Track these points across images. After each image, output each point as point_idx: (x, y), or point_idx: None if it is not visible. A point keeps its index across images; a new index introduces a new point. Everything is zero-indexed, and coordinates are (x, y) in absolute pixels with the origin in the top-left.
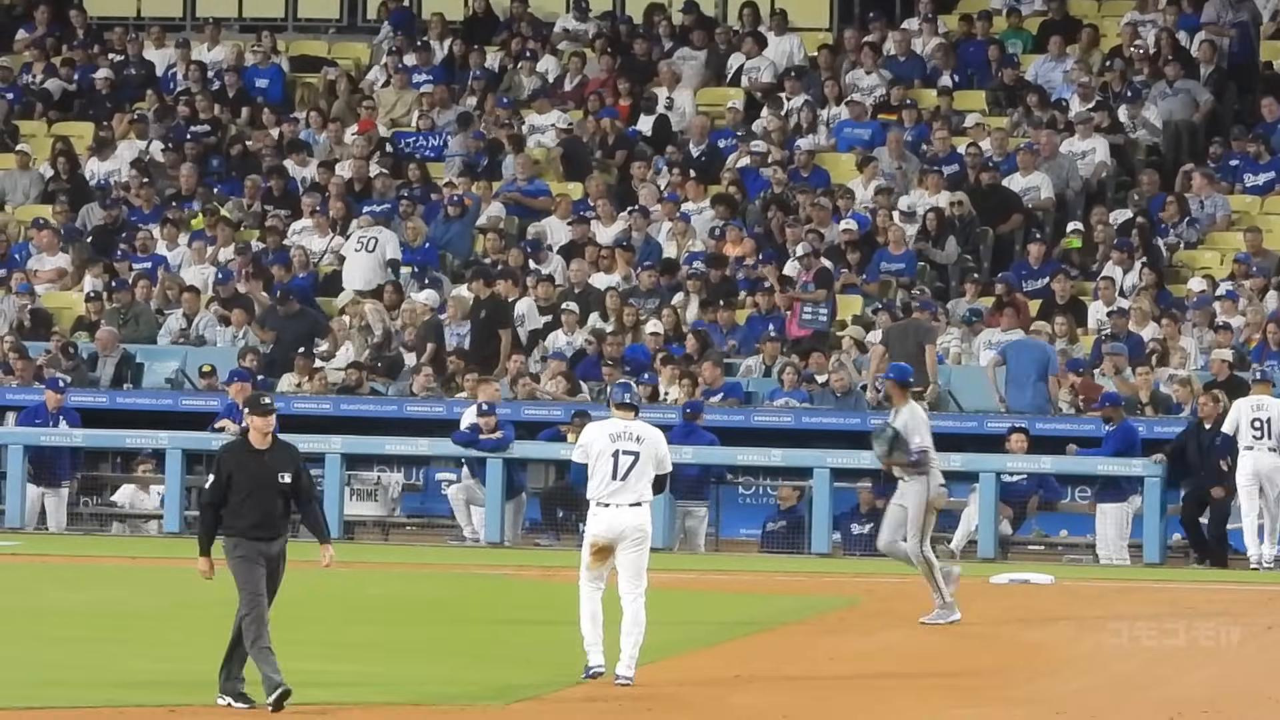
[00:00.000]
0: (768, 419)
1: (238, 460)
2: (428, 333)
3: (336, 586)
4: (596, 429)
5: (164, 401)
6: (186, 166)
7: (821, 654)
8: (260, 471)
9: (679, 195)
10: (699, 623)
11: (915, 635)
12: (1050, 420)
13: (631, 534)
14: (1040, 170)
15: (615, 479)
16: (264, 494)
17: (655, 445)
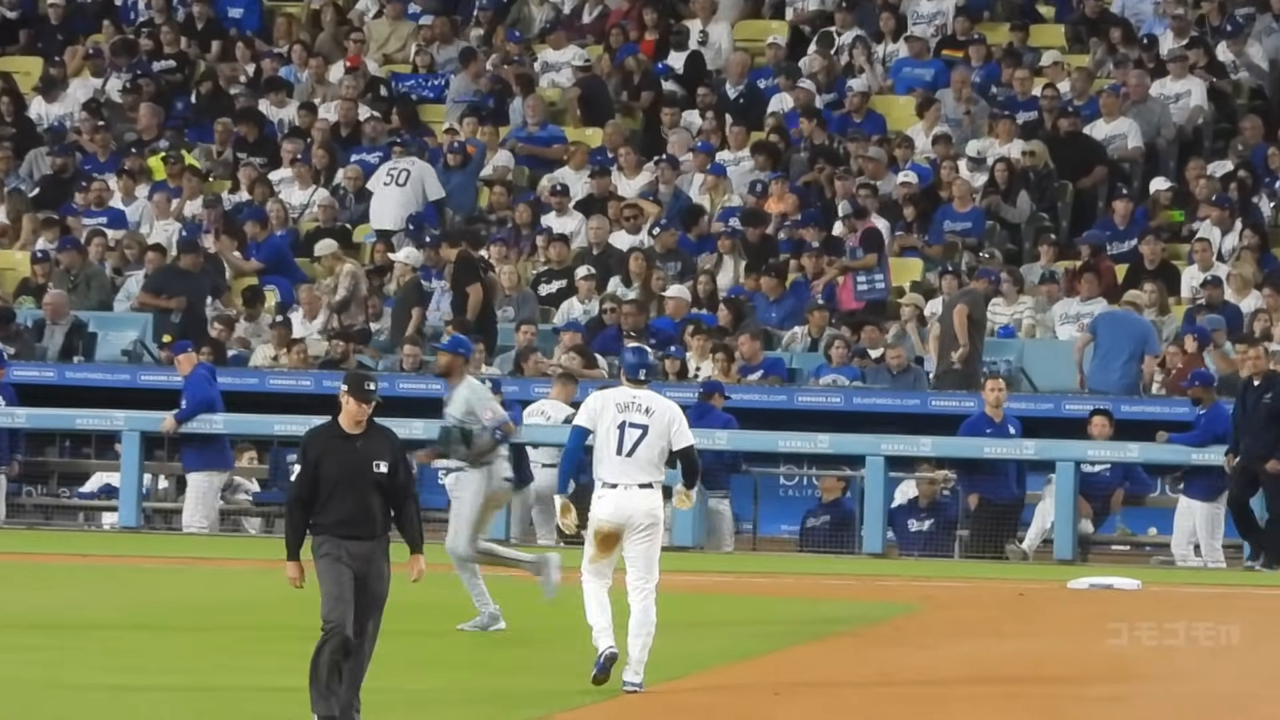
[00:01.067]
0: (814, 399)
1: (325, 446)
2: (409, 297)
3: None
4: (603, 396)
5: (120, 377)
6: (148, 108)
7: (873, 669)
8: (352, 460)
9: (713, 144)
10: (732, 632)
11: (981, 649)
12: (1138, 402)
13: (641, 520)
14: (1127, 116)
15: (621, 454)
16: (356, 486)
17: (668, 418)
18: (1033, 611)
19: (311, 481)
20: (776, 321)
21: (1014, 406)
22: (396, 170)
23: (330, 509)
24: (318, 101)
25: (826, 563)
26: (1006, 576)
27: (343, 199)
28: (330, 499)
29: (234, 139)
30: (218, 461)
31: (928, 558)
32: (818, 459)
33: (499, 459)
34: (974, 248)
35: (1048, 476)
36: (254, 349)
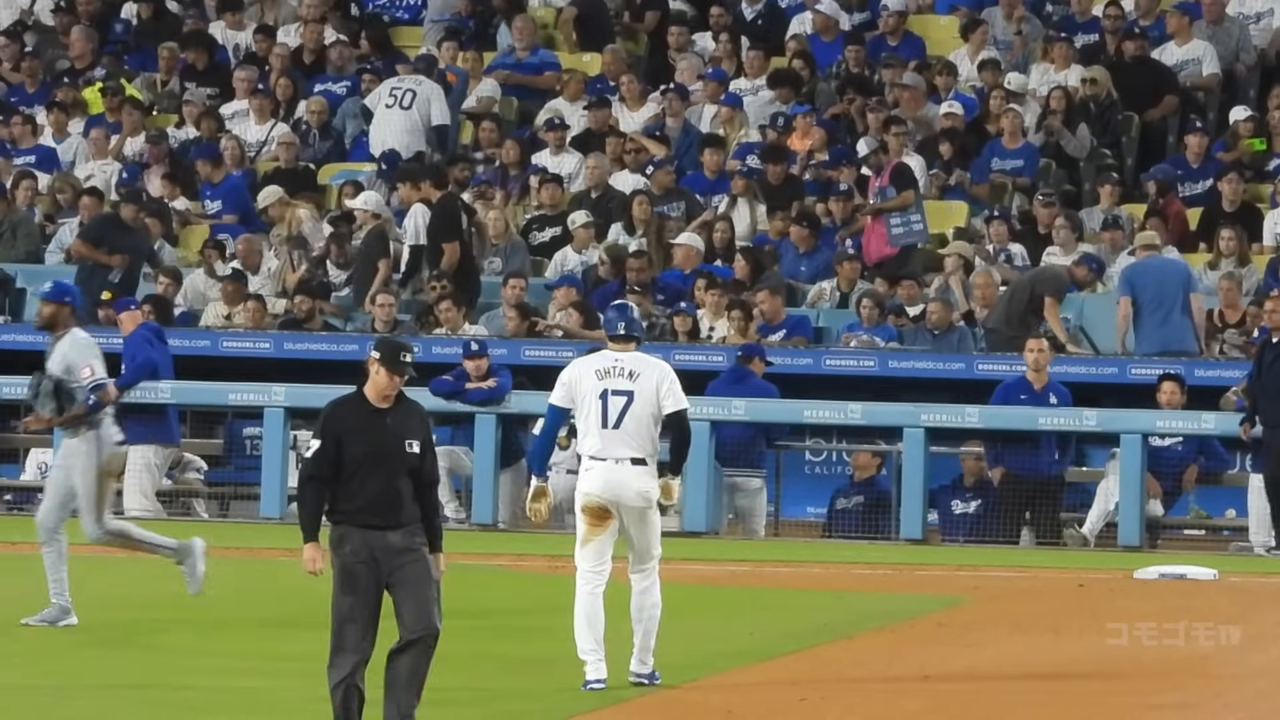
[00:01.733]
0: (844, 363)
1: (350, 422)
2: (373, 247)
3: (281, 581)
4: (581, 365)
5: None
6: (82, 31)
7: (913, 669)
8: (381, 437)
9: (726, 71)
10: (752, 629)
11: (1036, 647)
12: (1212, 365)
13: (632, 500)
14: (1201, 38)
15: (606, 427)
16: (384, 467)
17: (655, 379)
18: (1095, 605)
19: (332, 461)
20: (807, 275)
21: (1071, 371)
22: (400, 90)
23: (353, 494)
24: (273, 24)
25: (859, 550)
26: (1065, 565)
27: (305, 135)
28: (353, 482)
29: (180, 66)
30: (161, 434)
31: (975, 544)
32: (848, 431)
33: (106, 421)
34: (1026, 189)
35: (1111, 451)
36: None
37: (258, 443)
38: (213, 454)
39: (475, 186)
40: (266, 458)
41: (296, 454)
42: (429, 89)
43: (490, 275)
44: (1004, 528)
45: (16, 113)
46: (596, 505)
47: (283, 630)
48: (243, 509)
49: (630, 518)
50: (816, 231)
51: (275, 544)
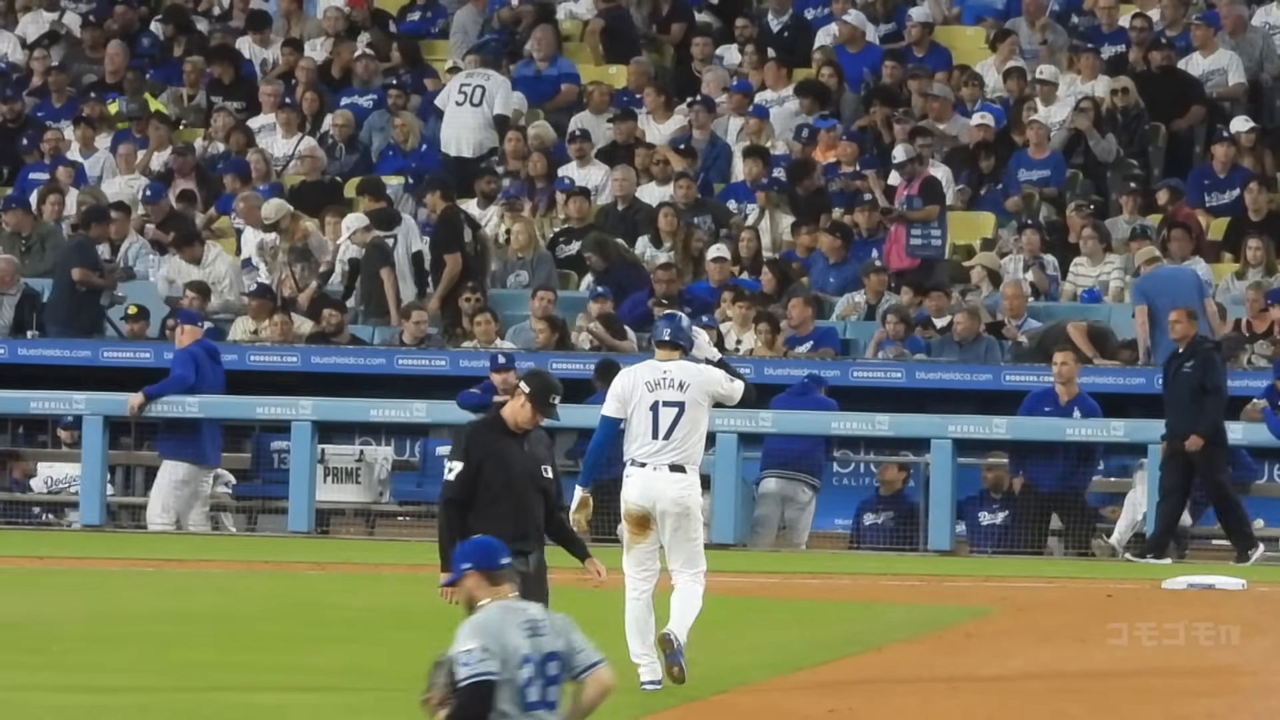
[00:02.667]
0: (871, 374)
1: (492, 446)
2: (374, 260)
3: (307, 594)
4: (630, 375)
5: (80, 354)
6: (111, 45)
7: (942, 679)
8: (520, 462)
9: (752, 83)
10: (781, 640)
11: (1065, 657)
12: (1238, 375)
13: (669, 508)
14: (1226, 49)
15: (656, 438)
16: (522, 491)
17: (703, 386)
18: (1123, 615)
19: (472, 484)
20: (835, 287)
21: (1100, 381)
22: (470, 87)
23: (494, 519)
24: (299, 37)
25: (886, 561)
26: (1093, 575)
27: (331, 148)
28: (494, 507)
29: (207, 81)
30: (191, 452)
31: (1003, 554)
32: (875, 442)
33: None
34: (1053, 199)
35: (1139, 461)
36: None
37: (285, 456)
38: (240, 468)
39: (503, 200)
40: (294, 471)
41: (324, 467)
42: (497, 82)
43: (516, 288)
44: (1031, 538)
45: (45, 128)
46: (635, 513)
47: (311, 644)
48: (271, 523)
49: (668, 525)
50: (847, 242)
51: (303, 557)
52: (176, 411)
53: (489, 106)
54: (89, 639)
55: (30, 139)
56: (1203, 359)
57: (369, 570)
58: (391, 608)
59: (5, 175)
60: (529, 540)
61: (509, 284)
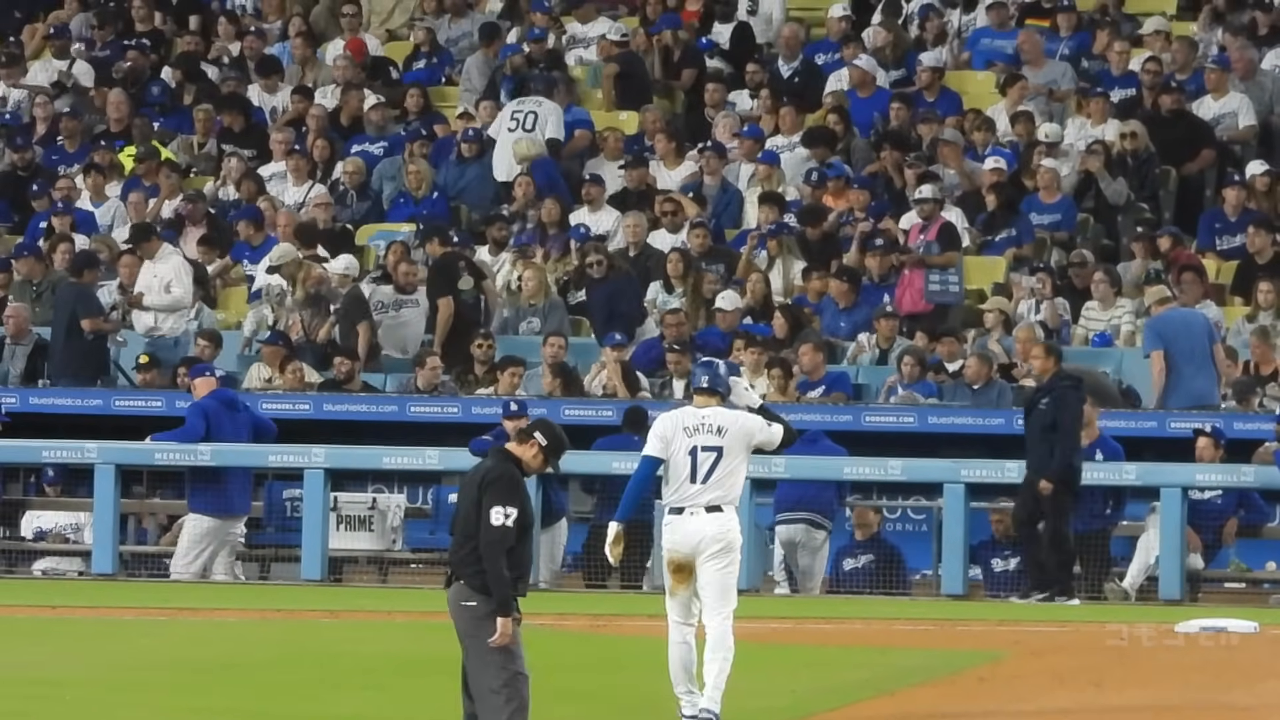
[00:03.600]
0: (884, 419)
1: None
2: (352, 310)
3: (320, 642)
4: (671, 420)
5: (91, 402)
6: (113, 94)
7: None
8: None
9: (763, 129)
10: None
11: (1079, 701)
12: (1251, 418)
13: (709, 545)
14: (1237, 92)
15: (695, 482)
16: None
17: (741, 432)
18: (1137, 659)
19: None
20: (846, 332)
21: (1111, 425)
22: (521, 114)
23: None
24: (310, 85)
25: (900, 606)
26: (1106, 619)
27: (343, 196)
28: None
29: (218, 129)
30: (213, 504)
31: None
32: (888, 487)
33: None
34: (1064, 243)
35: (1151, 505)
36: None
37: (298, 504)
38: (254, 516)
39: (516, 247)
40: (307, 519)
41: (336, 515)
42: (548, 108)
43: (528, 334)
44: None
45: (55, 176)
46: (677, 559)
47: (323, 691)
48: (283, 571)
49: (708, 563)
50: (857, 287)
51: (316, 605)
52: (190, 460)
53: (541, 132)
54: (101, 687)
55: (40, 186)
56: (1058, 396)
57: (382, 618)
58: (404, 654)
59: (16, 223)
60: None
61: (521, 331)
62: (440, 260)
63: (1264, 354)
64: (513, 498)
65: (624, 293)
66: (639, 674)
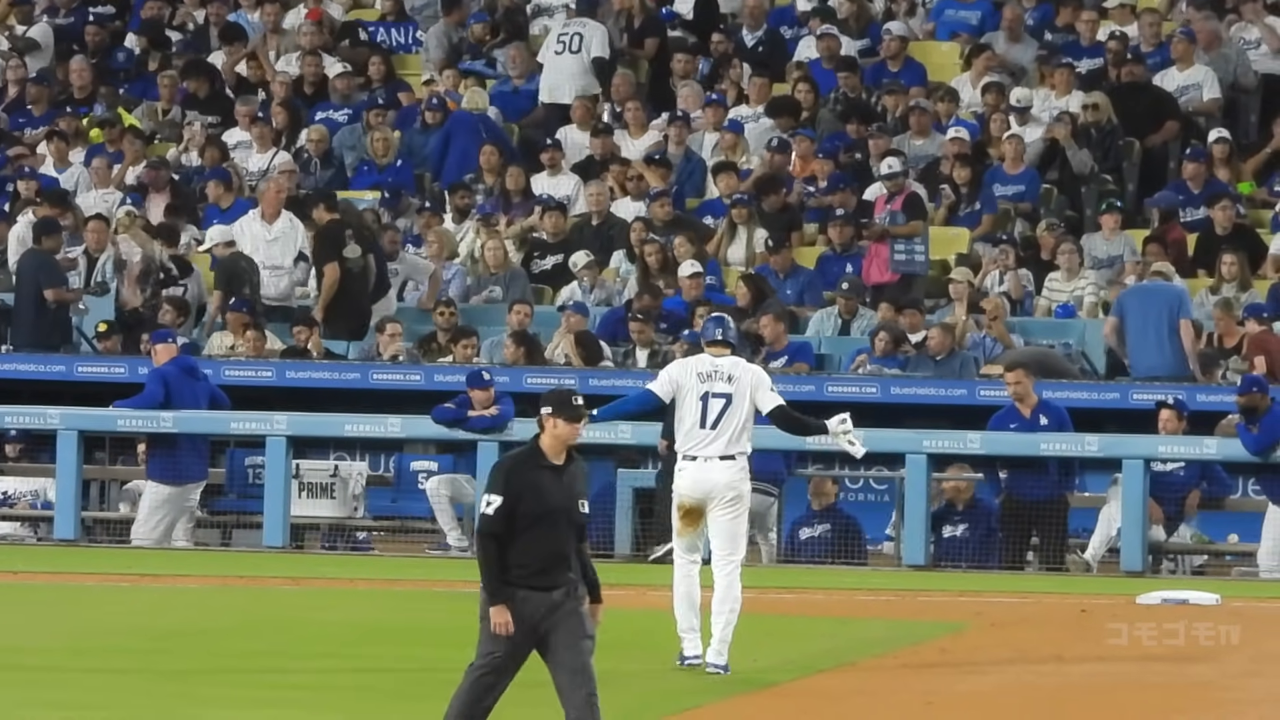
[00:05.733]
0: (846, 389)
1: (530, 479)
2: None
3: (281, 610)
4: (682, 365)
5: (54, 368)
6: (75, 61)
7: (917, 696)
8: (556, 495)
9: (727, 97)
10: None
11: (1040, 673)
12: (1214, 390)
13: (722, 493)
14: (1201, 64)
15: (704, 427)
16: (554, 526)
17: (752, 383)
18: (1098, 630)
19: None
20: (793, 299)
21: (1074, 396)
22: (568, 35)
23: (526, 554)
24: (273, 53)
25: (861, 577)
26: (1067, 591)
27: (307, 163)
28: (523, 540)
29: (182, 96)
30: (169, 472)
31: (978, 570)
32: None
33: None
34: (1028, 214)
35: (1113, 476)
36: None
37: (260, 472)
38: (215, 483)
39: (479, 216)
40: (269, 486)
41: (299, 482)
42: (593, 29)
43: (491, 301)
44: (1005, 553)
45: (18, 139)
46: (689, 504)
47: (285, 659)
48: (245, 538)
49: (718, 511)
50: (791, 253)
51: (278, 572)
52: (152, 427)
53: (587, 52)
54: (64, 654)
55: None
56: None
57: (345, 585)
58: (366, 622)
59: None
60: (556, 574)
61: (483, 299)
62: (326, 228)
63: (1227, 326)
64: (494, 485)
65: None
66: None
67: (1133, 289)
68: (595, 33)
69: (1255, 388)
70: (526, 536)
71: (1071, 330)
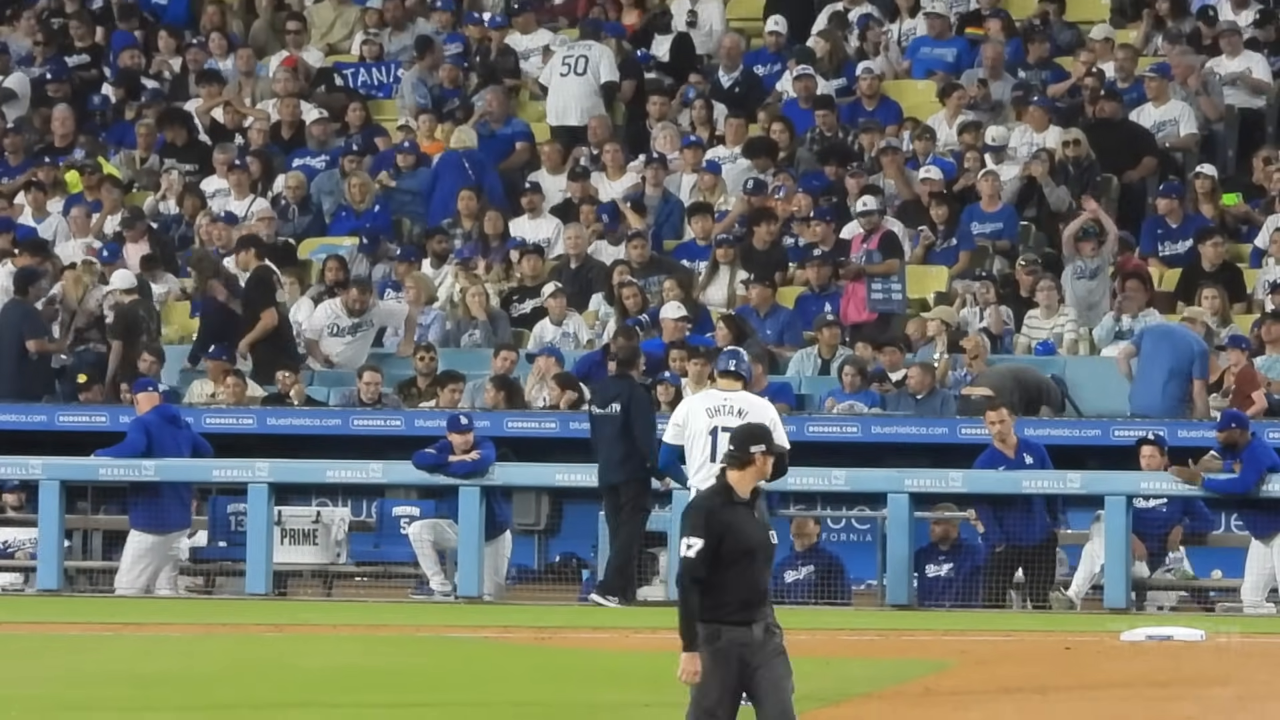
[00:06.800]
0: (827, 429)
1: (726, 518)
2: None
3: (263, 656)
4: (692, 403)
5: (35, 418)
6: (59, 109)
7: None
8: (753, 531)
9: (702, 138)
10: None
11: (1025, 711)
12: (1195, 426)
13: None
14: (1178, 99)
15: (715, 461)
16: (754, 561)
17: (759, 417)
18: (1082, 668)
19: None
20: (772, 339)
21: (1055, 434)
22: (573, 57)
23: (727, 591)
24: (248, 101)
25: (844, 616)
26: (1050, 628)
27: (285, 210)
28: (726, 579)
29: (160, 145)
30: (152, 520)
31: (961, 609)
32: (831, 497)
33: None
34: (1006, 251)
35: (1096, 513)
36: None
37: (242, 519)
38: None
39: (457, 260)
40: (251, 533)
41: (281, 529)
42: (599, 51)
43: (470, 348)
44: (987, 591)
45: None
46: None
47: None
48: (228, 585)
49: None
50: (774, 292)
51: (261, 619)
52: (133, 475)
53: (594, 75)
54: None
55: None
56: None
57: (327, 631)
58: (350, 667)
59: None
60: (756, 609)
61: (463, 344)
62: (257, 273)
63: (1210, 362)
64: (694, 528)
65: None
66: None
67: (1155, 327)
68: (603, 55)
69: (1235, 423)
70: (728, 575)
71: (1053, 366)
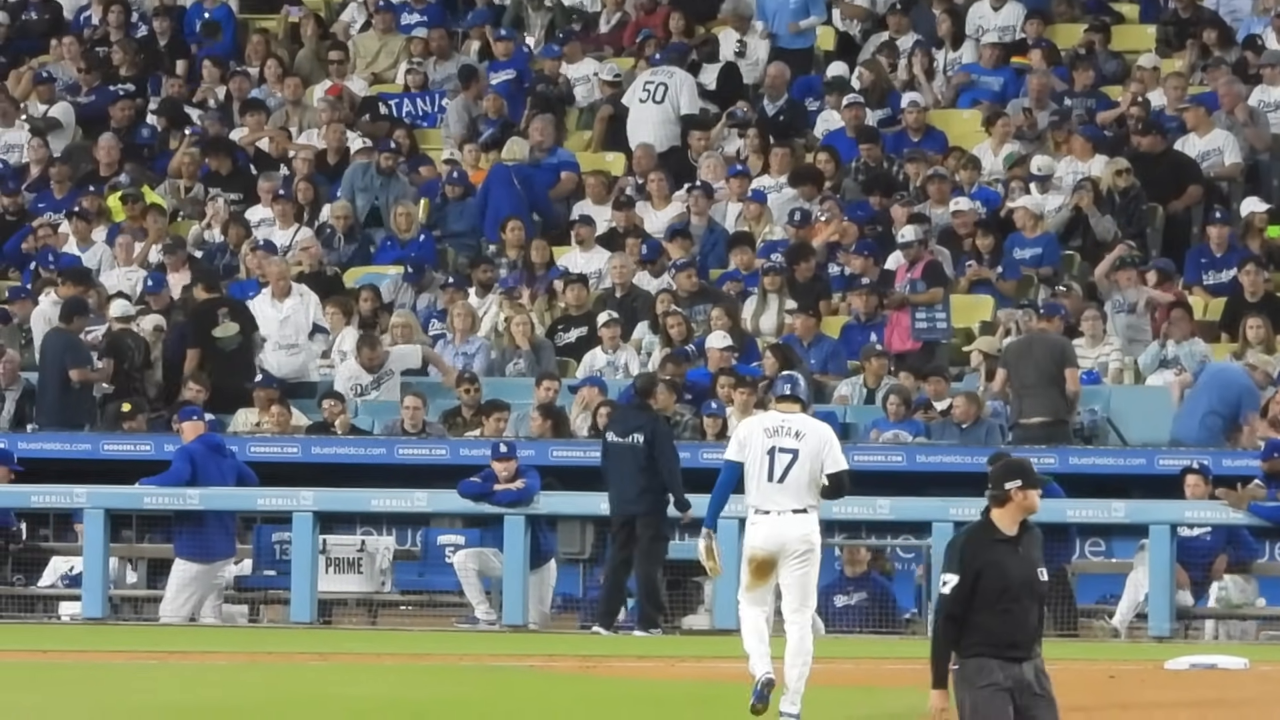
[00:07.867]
0: (872, 458)
1: (986, 554)
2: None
3: (307, 686)
4: (752, 423)
5: (80, 447)
6: (105, 139)
7: None
8: (1016, 568)
9: (750, 168)
10: None
11: None
12: (1239, 455)
13: (795, 546)
14: (1222, 129)
15: (772, 481)
16: (1017, 600)
17: (819, 441)
18: (1127, 697)
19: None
20: (817, 368)
21: (1100, 463)
22: (653, 84)
23: (994, 629)
24: (294, 130)
25: (889, 646)
26: (1095, 657)
27: (330, 239)
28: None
29: (203, 172)
30: (198, 550)
31: None
32: (877, 526)
33: None
34: (1049, 279)
35: (1140, 542)
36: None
37: (287, 547)
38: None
39: (501, 290)
40: (296, 562)
41: (325, 557)
42: (680, 79)
43: (514, 376)
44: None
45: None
46: (761, 558)
47: None
48: (273, 614)
49: (791, 563)
50: (818, 321)
51: (306, 648)
52: (178, 504)
53: (672, 104)
54: None
55: (28, 231)
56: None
57: (372, 660)
58: (394, 698)
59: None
60: (1025, 647)
61: (507, 373)
62: (198, 307)
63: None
64: (950, 564)
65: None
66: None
67: (1215, 365)
68: (683, 84)
69: (1278, 453)
70: (991, 612)
71: (1097, 397)
